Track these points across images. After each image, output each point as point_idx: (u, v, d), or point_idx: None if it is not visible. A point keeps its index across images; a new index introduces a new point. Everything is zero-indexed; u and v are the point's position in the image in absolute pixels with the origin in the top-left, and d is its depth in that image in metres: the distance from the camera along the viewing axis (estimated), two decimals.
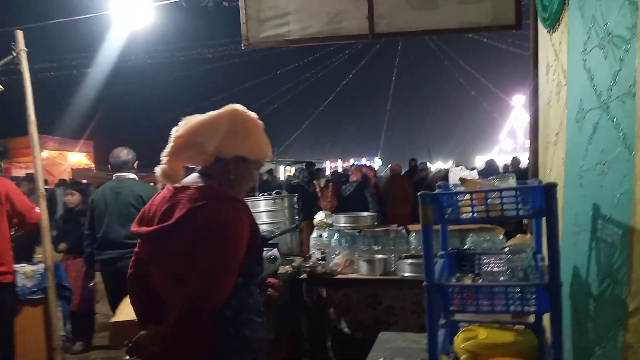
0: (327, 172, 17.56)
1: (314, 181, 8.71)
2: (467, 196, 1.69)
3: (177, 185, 1.95)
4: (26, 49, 4.04)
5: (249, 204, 2.04)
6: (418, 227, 4.46)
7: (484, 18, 3.42)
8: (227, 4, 5.87)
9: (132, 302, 2.06)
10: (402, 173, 9.62)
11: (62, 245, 5.42)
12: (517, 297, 1.65)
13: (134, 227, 1.99)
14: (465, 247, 3.22)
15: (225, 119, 1.92)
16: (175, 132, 1.96)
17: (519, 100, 38.33)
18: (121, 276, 2.27)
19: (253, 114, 2.00)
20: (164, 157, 1.93)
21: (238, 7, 3.60)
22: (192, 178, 1.99)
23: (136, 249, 2.05)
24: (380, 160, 33.00)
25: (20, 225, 3.88)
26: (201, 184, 1.91)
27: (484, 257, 1.99)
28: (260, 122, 2.02)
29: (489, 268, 1.90)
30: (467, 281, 2.00)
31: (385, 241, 3.91)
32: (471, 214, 1.67)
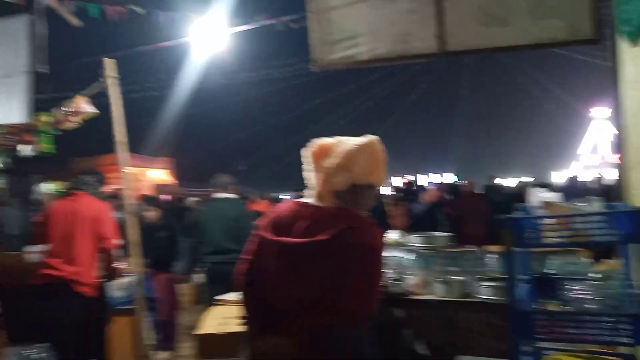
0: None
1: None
2: (552, 220, 1.64)
3: (305, 201, 2.01)
4: (117, 76, 4.38)
5: None
6: (496, 248, 4.32)
7: (558, 33, 3.27)
8: (297, 26, 6.06)
9: (251, 312, 2.03)
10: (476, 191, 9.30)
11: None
12: (609, 327, 1.57)
13: (268, 235, 1.97)
14: (547, 270, 3.08)
15: (369, 149, 2.01)
16: (324, 155, 2.01)
17: (598, 113, 35.80)
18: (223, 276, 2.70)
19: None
20: (318, 179, 2.00)
21: (306, 28, 3.71)
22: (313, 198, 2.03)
23: (250, 258, 2.05)
24: (455, 177, 32.05)
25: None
26: (341, 206, 1.96)
27: (570, 283, 1.91)
28: None
29: (577, 294, 1.82)
30: (552, 307, 1.93)
31: (462, 262, 3.81)
32: (556, 239, 1.62)
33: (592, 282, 1.92)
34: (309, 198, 2.04)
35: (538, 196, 1.88)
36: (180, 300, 6.16)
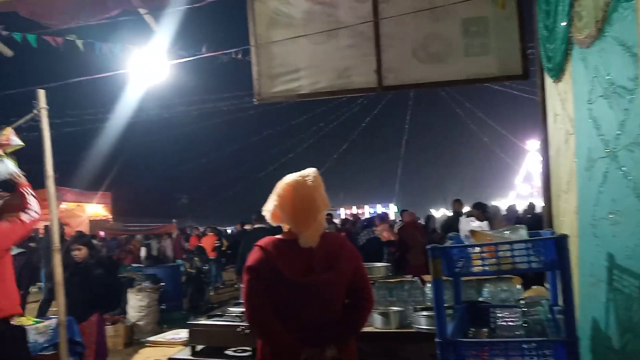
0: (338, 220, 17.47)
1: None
2: (478, 249, 1.67)
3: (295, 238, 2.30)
4: (47, 107, 4.20)
5: None
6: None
7: (491, 69, 3.48)
8: (239, 57, 6.07)
9: (285, 336, 2.23)
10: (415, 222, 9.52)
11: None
12: (534, 353, 1.60)
13: (299, 277, 2.24)
14: (481, 298, 3.14)
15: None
16: (309, 196, 2.31)
17: (533, 145, 38.16)
18: None
19: None
20: (318, 217, 2.30)
21: (249, 61, 3.73)
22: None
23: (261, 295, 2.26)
24: (396, 207, 32.80)
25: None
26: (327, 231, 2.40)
27: (499, 310, 1.94)
28: None
29: (505, 322, 1.85)
30: (482, 336, 1.95)
31: (401, 292, 3.82)
32: (482, 267, 1.65)
33: (520, 308, 1.96)
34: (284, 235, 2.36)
35: (467, 225, 1.93)
36: (109, 342, 5.79)
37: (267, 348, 2.31)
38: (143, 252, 12.79)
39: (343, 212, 28.48)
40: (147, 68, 6.54)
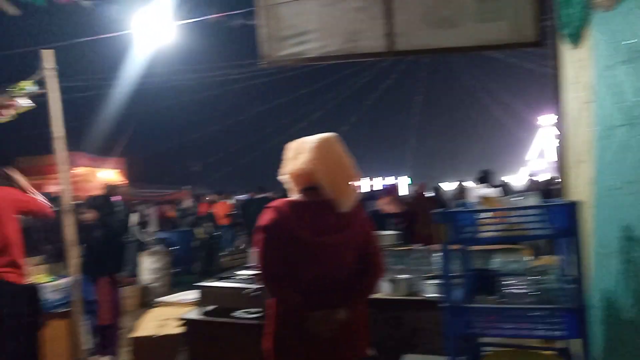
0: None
1: None
2: (487, 214, 1.63)
3: (310, 199, 2.32)
4: (56, 67, 4.16)
5: None
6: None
7: (503, 35, 3.35)
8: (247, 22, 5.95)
9: (290, 295, 2.26)
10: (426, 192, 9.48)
11: None
12: (543, 321, 1.58)
13: (312, 237, 2.24)
14: (488, 267, 3.12)
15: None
16: (343, 157, 2.36)
17: (546, 120, 37.45)
18: None
19: None
20: (352, 179, 2.36)
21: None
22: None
23: (275, 252, 2.27)
24: (409, 178, 32.63)
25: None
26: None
27: (508, 279, 1.92)
28: None
29: (514, 289, 1.83)
30: (491, 304, 1.93)
31: (409, 261, 3.82)
32: (491, 232, 1.61)
33: (529, 277, 1.94)
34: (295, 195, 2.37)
35: (477, 192, 1.90)
36: (123, 303, 5.91)
37: (278, 307, 2.33)
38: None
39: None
40: (154, 29, 6.45)
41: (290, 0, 3.43)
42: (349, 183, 2.35)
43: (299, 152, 2.38)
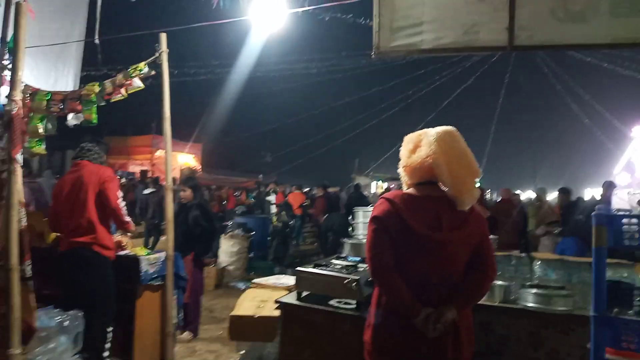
0: None
1: None
2: None
3: (427, 194, 2.26)
4: (167, 50, 4.34)
5: None
6: (545, 255, 4.12)
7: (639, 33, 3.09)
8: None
9: (401, 291, 2.18)
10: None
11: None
12: None
13: (428, 232, 2.17)
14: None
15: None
16: (467, 154, 2.29)
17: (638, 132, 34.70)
18: None
19: None
20: (475, 178, 2.30)
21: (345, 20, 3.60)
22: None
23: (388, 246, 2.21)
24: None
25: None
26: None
27: None
28: None
29: None
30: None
31: (507, 267, 3.65)
32: None
33: None
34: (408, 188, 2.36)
35: (629, 198, 1.73)
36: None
37: (385, 299, 2.28)
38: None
39: None
40: (259, 17, 6.58)
41: None
42: (472, 180, 2.26)
43: (418, 145, 2.32)
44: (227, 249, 8.15)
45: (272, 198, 12.74)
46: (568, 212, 7.72)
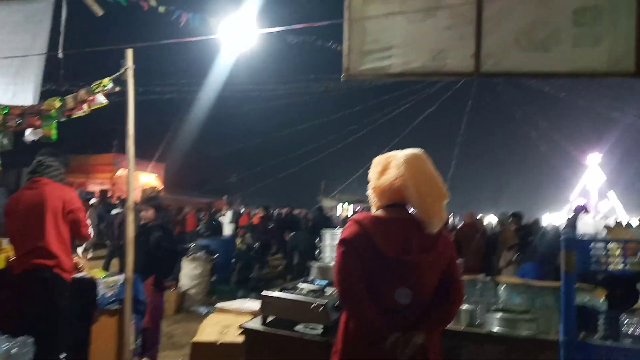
0: None
1: None
2: (616, 245, 1.52)
3: (396, 216, 2.25)
4: (134, 66, 4.24)
5: None
6: (509, 279, 4.16)
7: (599, 64, 3.22)
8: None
9: (370, 314, 2.15)
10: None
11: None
12: None
13: (397, 255, 2.14)
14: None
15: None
16: (435, 176, 2.28)
17: (593, 159, 36.37)
18: None
19: None
20: (444, 200, 2.27)
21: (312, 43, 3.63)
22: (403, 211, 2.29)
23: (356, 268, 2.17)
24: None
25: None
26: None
27: (623, 317, 1.78)
28: None
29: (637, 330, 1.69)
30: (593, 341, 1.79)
31: (472, 291, 3.66)
32: (622, 265, 1.49)
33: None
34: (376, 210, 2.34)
35: (597, 223, 1.78)
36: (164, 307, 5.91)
37: (353, 323, 2.23)
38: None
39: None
40: (230, 37, 6.55)
41: (379, 15, 3.40)
42: (440, 203, 2.26)
43: (387, 167, 2.32)
44: (189, 272, 7.92)
45: (225, 218, 11.94)
46: (525, 235, 7.98)
